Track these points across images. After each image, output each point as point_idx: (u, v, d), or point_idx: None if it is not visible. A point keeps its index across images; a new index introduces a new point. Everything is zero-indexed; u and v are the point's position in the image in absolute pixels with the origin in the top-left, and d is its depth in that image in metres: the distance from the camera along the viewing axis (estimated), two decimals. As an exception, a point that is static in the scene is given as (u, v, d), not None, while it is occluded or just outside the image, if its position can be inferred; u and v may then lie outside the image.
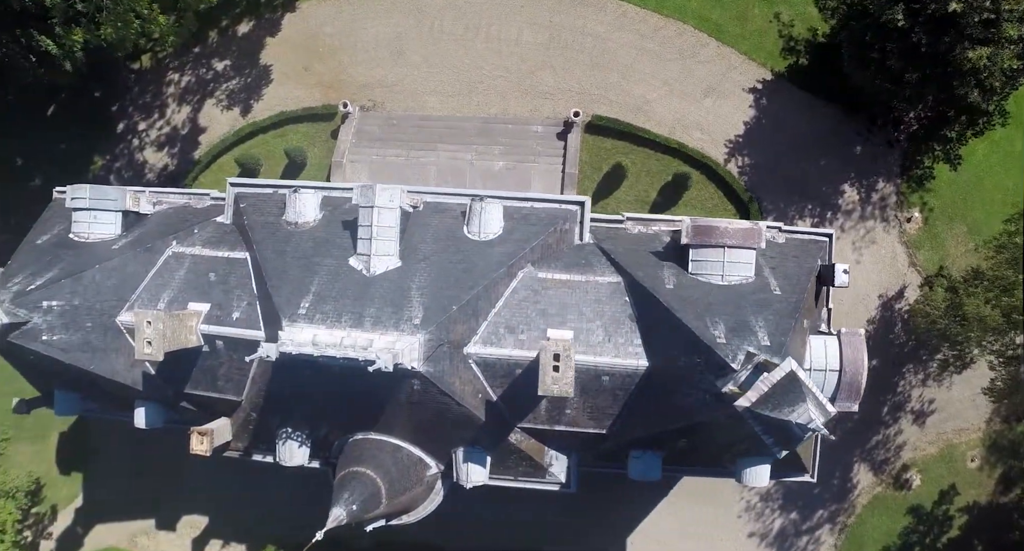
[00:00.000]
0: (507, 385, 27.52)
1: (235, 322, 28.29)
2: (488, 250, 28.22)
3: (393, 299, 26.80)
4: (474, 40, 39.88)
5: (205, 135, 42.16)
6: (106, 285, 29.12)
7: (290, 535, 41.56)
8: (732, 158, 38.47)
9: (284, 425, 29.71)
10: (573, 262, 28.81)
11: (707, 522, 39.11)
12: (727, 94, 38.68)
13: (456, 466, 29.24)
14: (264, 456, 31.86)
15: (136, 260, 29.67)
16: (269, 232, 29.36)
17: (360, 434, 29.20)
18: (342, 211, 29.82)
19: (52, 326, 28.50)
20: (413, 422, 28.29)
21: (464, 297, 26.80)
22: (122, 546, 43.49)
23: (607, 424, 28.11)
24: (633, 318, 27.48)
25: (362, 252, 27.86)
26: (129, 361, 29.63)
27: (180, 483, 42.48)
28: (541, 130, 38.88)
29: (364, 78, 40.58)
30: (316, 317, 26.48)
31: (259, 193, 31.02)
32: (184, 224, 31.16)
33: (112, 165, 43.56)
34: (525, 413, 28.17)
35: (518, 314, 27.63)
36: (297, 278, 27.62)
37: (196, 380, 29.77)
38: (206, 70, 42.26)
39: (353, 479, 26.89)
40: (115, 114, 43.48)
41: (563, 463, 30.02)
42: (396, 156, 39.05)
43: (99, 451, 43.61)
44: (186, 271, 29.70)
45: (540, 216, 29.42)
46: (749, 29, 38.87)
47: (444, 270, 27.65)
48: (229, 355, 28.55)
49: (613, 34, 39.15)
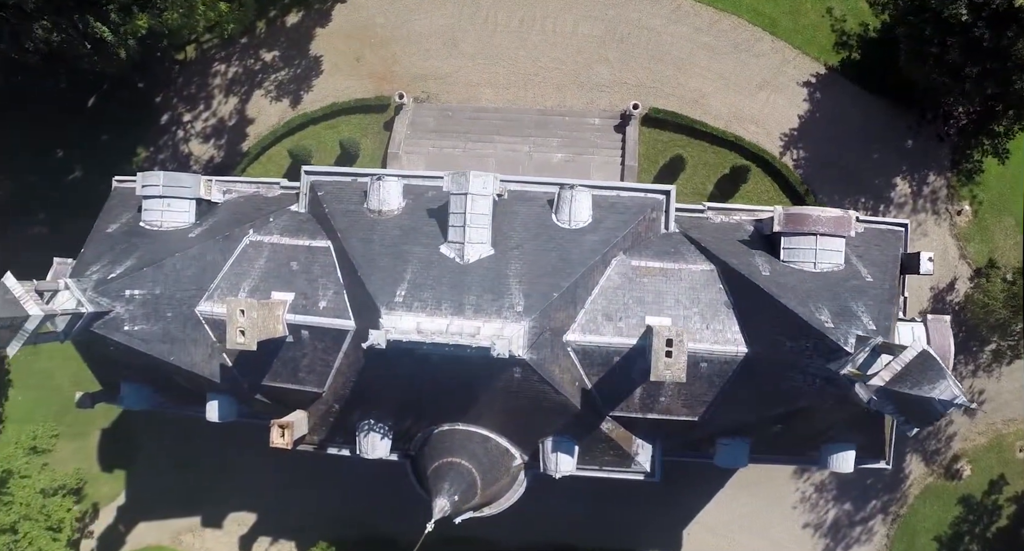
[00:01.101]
0: (603, 373, 26.55)
1: (322, 311, 27.02)
2: (580, 238, 27.25)
3: (491, 287, 25.72)
4: (529, 33, 38.90)
5: (253, 126, 40.73)
6: (186, 274, 27.67)
7: (339, 532, 40.40)
8: (787, 151, 37.90)
9: (366, 417, 28.47)
10: (663, 250, 27.96)
11: (762, 513, 38.45)
12: (781, 88, 38.12)
13: (544, 456, 28.21)
14: (340, 449, 30.62)
15: (214, 249, 28.26)
16: (352, 220, 28.11)
17: (447, 425, 28.06)
18: (425, 199, 28.66)
19: (134, 316, 26.98)
20: (504, 412, 27.23)
21: (563, 284, 25.81)
22: (166, 544, 41.80)
23: (700, 411, 27.31)
24: (729, 305, 26.71)
25: (454, 240, 26.73)
26: (208, 352, 28.22)
27: (228, 479, 40.95)
28: (598, 122, 38.00)
29: (417, 69, 39.43)
30: (414, 305, 25.29)
31: (337, 181, 29.75)
32: (258, 213, 29.79)
33: (156, 157, 41.92)
34: (618, 401, 27.25)
35: (614, 302, 26.72)
36: (388, 266, 26.41)
37: (275, 372, 28.42)
38: (254, 61, 40.81)
39: (451, 469, 25.79)
40: (159, 105, 41.88)
41: (648, 452, 29.13)
42: (453, 148, 37.93)
43: (142, 447, 41.93)
44: (266, 260, 28.35)
45: (627, 205, 28.52)
46: (802, 23, 38.34)
47: (539, 258, 26.63)
48: (314, 345, 27.27)
49: (669, 27, 38.41)
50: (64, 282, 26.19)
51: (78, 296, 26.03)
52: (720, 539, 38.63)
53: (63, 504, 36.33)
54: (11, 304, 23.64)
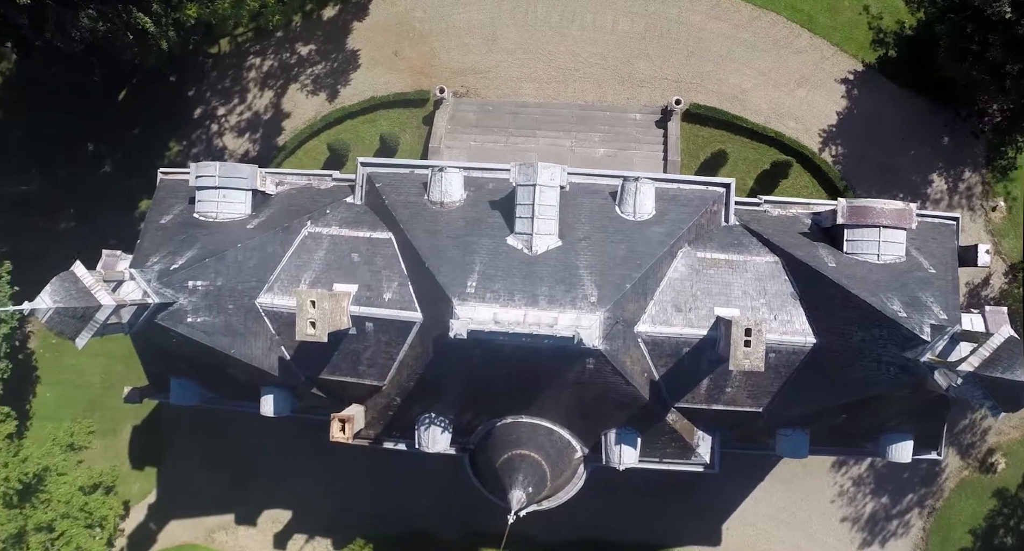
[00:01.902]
0: (671, 364, 26.28)
1: (387, 303, 26.55)
2: (646, 230, 27.00)
3: (563, 278, 25.39)
4: (569, 28, 38.61)
5: (289, 121, 40.11)
6: (247, 265, 27.08)
7: (376, 528, 39.76)
8: (826, 147, 37.86)
9: (428, 410, 27.97)
10: (727, 242, 27.77)
11: (800, 507, 38.31)
12: (820, 84, 38.07)
13: (607, 448, 27.88)
14: (396, 443, 30.15)
15: (274, 240, 27.69)
16: (414, 212, 27.66)
17: (510, 418, 27.68)
18: (486, 191, 28.28)
19: (196, 308, 26.35)
20: (569, 404, 26.89)
21: (635, 275, 25.54)
22: (199, 543, 40.98)
23: (765, 402, 27.13)
24: (795, 296, 26.58)
25: (522, 231, 26.36)
26: (267, 345, 27.64)
27: (262, 476, 40.23)
28: (639, 118, 37.78)
29: (456, 64, 39.00)
30: (487, 296, 24.89)
31: (394, 173, 29.27)
32: (314, 204, 29.26)
33: (189, 151, 41.17)
34: (684, 392, 27.02)
35: (682, 293, 26.48)
36: (457, 258, 25.99)
37: (335, 365, 27.89)
38: (289, 55, 40.20)
39: (522, 462, 25.41)
40: (192, 99, 41.15)
41: (708, 444, 28.92)
42: (494, 142, 37.56)
43: (174, 445, 41.11)
44: (326, 252, 27.82)
45: (689, 197, 28.30)
46: (840, 21, 38.32)
47: (607, 249, 26.35)
48: (377, 338, 26.79)
49: (708, 23, 38.25)
50: (128, 272, 25.53)
51: (143, 287, 25.35)
52: (759, 533, 38.43)
53: (106, 501, 35.44)
54: (83, 294, 22.97)
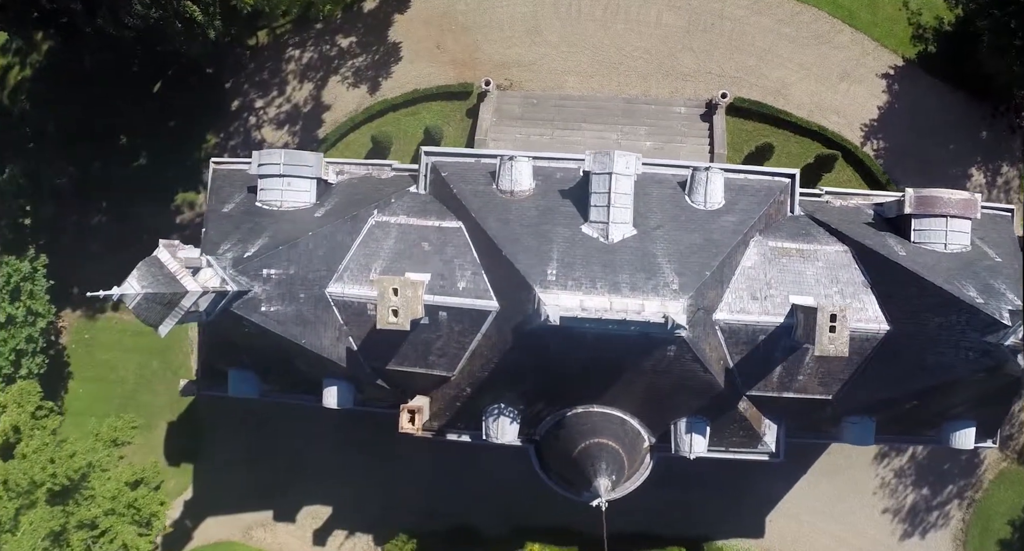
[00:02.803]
0: (746, 352, 26.34)
1: (461, 292, 26.42)
2: (718, 219, 27.10)
3: (643, 266, 25.39)
4: (613, 21, 38.66)
5: (329, 113, 39.80)
6: (317, 254, 26.81)
7: (419, 524, 39.41)
8: (868, 141, 38.18)
9: (497, 401, 27.81)
10: (795, 232, 27.94)
11: (843, 499, 38.50)
12: (861, 79, 38.39)
13: (677, 437, 27.89)
14: (460, 435, 29.96)
15: (343, 229, 27.42)
16: (485, 201, 27.55)
17: (580, 408, 27.62)
18: (555, 180, 28.24)
19: (270, 296, 26.02)
20: (643, 393, 26.88)
21: (713, 264, 25.63)
22: (235, 540, 40.48)
23: (835, 390, 27.27)
24: (867, 284, 26.81)
25: (597, 220, 26.33)
26: (335, 335, 27.39)
27: (300, 473, 39.82)
28: (684, 111, 37.89)
29: (500, 57, 38.92)
30: (568, 284, 24.83)
31: (459, 162, 29.12)
32: (377, 194, 29.07)
33: (226, 144, 40.74)
34: (757, 380, 27.13)
35: (757, 281, 26.60)
36: (533, 246, 25.90)
37: (404, 355, 27.70)
38: (330, 47, 39.90)
39: (602, 450, 25.35)
40: (229, 91, 40.71)
41: (774, 432, 29.07)
42: (540, 135, 37.50)
43: (210, 441, 40.61)
44: (395, 241, 27.62)
45: (756, 187, 28.45)
46: (880, 16, 38.68)
47: (682, 238, 26.40)
48: (450, 327, 26.62)
49: (751, 18, 38.47)
50: (205, 259, 25.12)
51: (222, 274, 24.95)
52: (802, 526, 38.59)
53: (156, 497, 34.88)
54: (169, 279, 22.58)
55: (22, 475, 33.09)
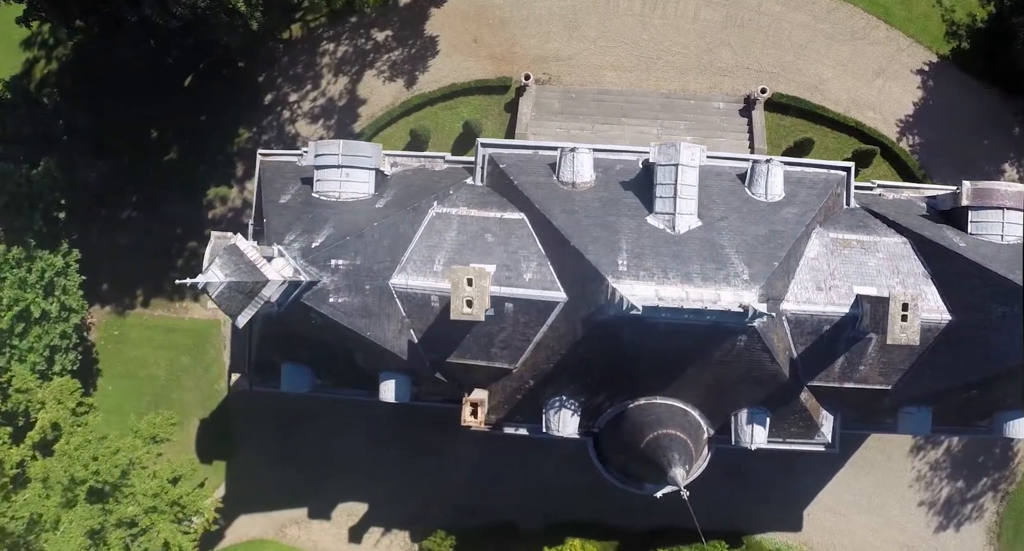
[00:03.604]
0: (810, 342, 26.68)
1: (528, 283, 26.55)
2: (780, 211, 27.45)
3: (711, 256, 25.69)
4: (651, 16, 39.00)
5: (365, 107, 39.82)
6: (381, 245, 26.85)
7: (456, 520, 39.39)
8: (903, 136, 38.75)
9: (559, 393, 27.95)
10: (853, 224, 28.37)
11: (879, 492, 38.98)
12: (896, 75, 38.98)
13: (738, 428, 28.21)
14: (516, 429, 30.10)
15: (405, 220, 27.48)
16: (547, 192, 27.72)
17: (643, 399, 27.81)
18: (614, 172, 28.52)
19: (338, 287, 26.02)
20: (707, 383, 27.16)
21: (779, 254, 25.97)
22: (269, 538, 40.31)
23: (894, 380, 27.68)
24: (927, 275, 27.23)
25: (663, 211, 26.59)
26: (398, 328, 27.43)
27: (335, 469, 39.71)
28: (723, 106, 38.29)
29: (538, 51, 39.14)
30: (640, 274, 25.07)
31: (516, 154, 29.28)
32: (434, 185, 29.18)
33: (259, 138, 40.63)
34: (819, 371, 27.46)
35: (820, 272, 26.96)
36: (601, 237, 26.11)
37: (465, 348, 27.79)
38: (365, 40, 39.93)
39: (671, 440, 25.56)
40: (262, 85, 40.62)
41: (830, 423, 29.44)
42: (580, 129, 37.76)
43: (243, 438, 40.44)
44: (456, 232, 27.70)
45: (813, 180, 28.84)
46: (914, 13, 39.31)
47: (746, 229, 26.72)
48: (516, 319, 26.76)
49: (788, 14, 38.95)
50: (277, 249, 25.05)
51: (294, 264, 24.90)
52: (839, 518, 39.02)
53: (203, 493, 34.65)
54: (250, 268, 22.51)
55: (63, 473, 32.80)
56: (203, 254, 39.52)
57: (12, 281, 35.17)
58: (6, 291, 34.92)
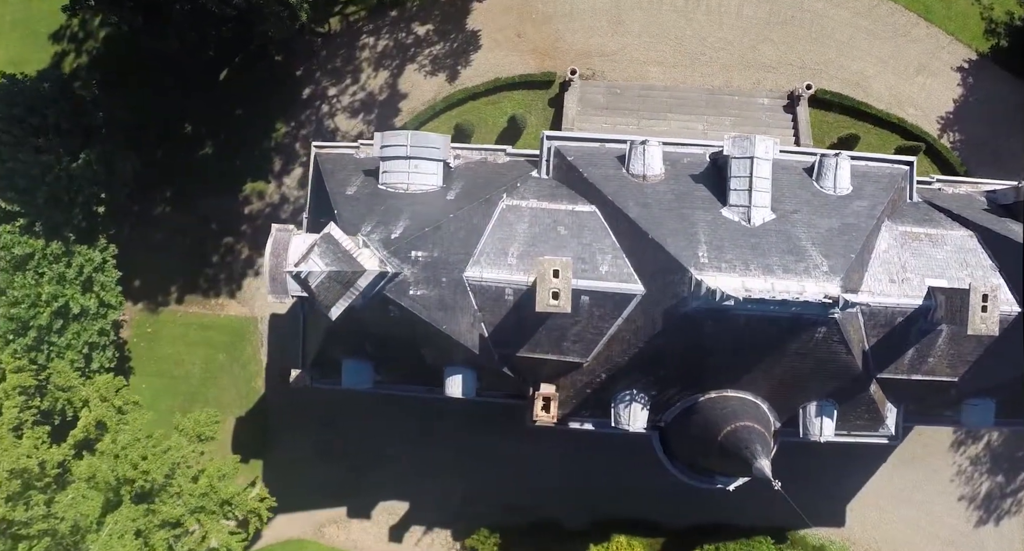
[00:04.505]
0: (882, 335, 27.23)
1: (604, 276, 26.84)
2: (850, 204, 28.02)
3: (789, 249, 26.16)
4: (695, 12, 39.55)
5: (406, 101, 40.00)
6: (457, 237, 27.06)
7: (499, 518, 39.61)
8: (944, 133, 39.57)
9: (630, 387, 28.29)
10: (919, 218, 29.00)
11: (921, 487, 39.73)
12: (937, 72, 39.82)
13: (806, 421, 28.73)
14: (582, 424, 30.37)
15: (477, 212, 27.71)
16: (619, 185, 28.09)
17: (714, 392, 28.20)
18: (682, 165, 28.94)
19: (417, 279, 26.17)
20: (779, 376, 27.64)
21: (855, 246, 26.48)
22: (307, 537, 40.27)
23: (961, 371, 28.28)
24: (995, 268, 27.92)
25: (737, 203, 27.05)
26: (470, 321, 27.61)
27: (375, 468, 39.80)
28: (767, 102, 38.91)
29: (581, 46, 39.55)
30: (722, 266, 25.48)
31: (583, 147, 29.61)
32: (500, 178, 29.45)
33: (297, 132, 40.66)
34: (889, 363, 28.02)
35: (891, 265, 27.54)
36: (679, 229, 26.50)
37: (536, 341, 28.03)
38: (405, 34, 40.11)
39: (751, 432, 25.93)
40: (300, 79, 40.64)
41: (894, 415, 30.05)
42: (626, 125, 38.20)
43: (281, 437, 40.46)
44: (528, 224, 27.98)
45: (878, 174, 29.48)
46: (954, 11, 40.19)
47: (819, 222, 27.26)
48: (591, 312, 27.03)
49: (830, 11, 39.67)
50: (362, 239, 25.12)
51: (379, 255, 25.01)
52: (882, 513, 39.71)
53: (257, 493, 34.58)
54: (346, 258, 22.58)
55: (110, 472, 32.62)
56: (239, 250, 39.91)
57: (51, 276, 34.92)
58: (45, 287, 34.65)
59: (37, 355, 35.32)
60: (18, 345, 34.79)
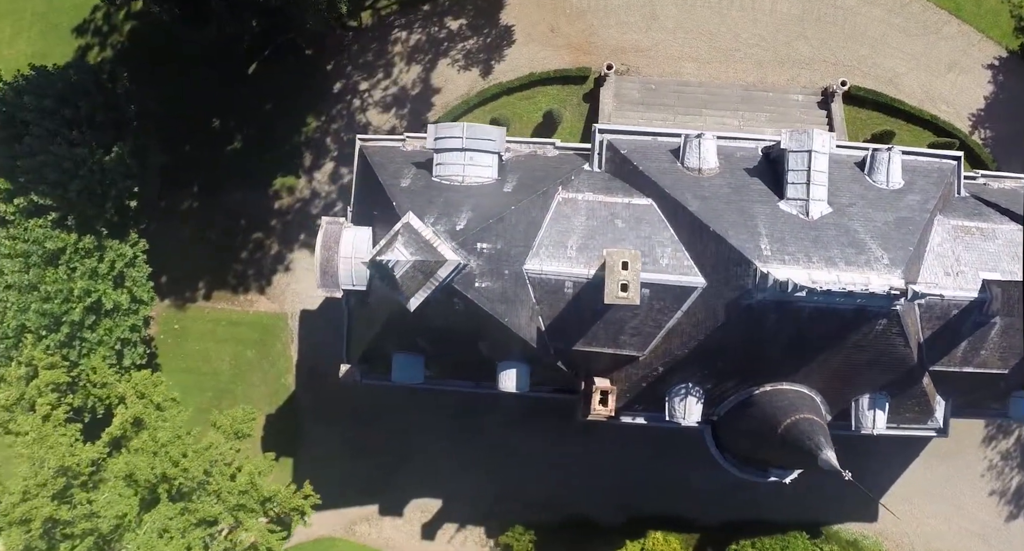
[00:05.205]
0: (936, 327, 27.87)
1: (665, 268, 27.28)
2: (904, 198, 28.69)
3: (849, 241, 26.77)
4: (729, 8, 40.17)
5: (439, 96, 40.31)
6: (518, 230, 27.40)
7: (533, 516, 40.01)
8: (975, 130, 40.41)
9: (686, 380, 28.74)
10: (969, 212, 29.76)
11: (952, 482, 40.51)
12: (968, 70, 40.69)
13: (859, 413, 29.34)
14: (634, 417, 30.78)
15: (535, 204, 28.07)
16: (675, 178, 28.58)
17: (769, 386, 28.72)
18: (736, 159, 29.50)
19: (482, 272, 26.49)
20: (835, 369, 28.20)
21: (912, 240, 27.09)
22: (338, 535, 40.45)
23: (1012, 363, 28.97)
24: (1046, 261, 28.56)
25: (795, 197, 27.62)
26: (529, 314, 27.95)
27: (407, 465, 40.10)
28: (801, 99, 39.58)
29: (616, 42, 40.05)
30: (785, 258, 25.99)
31: (635, 141, 30.06)
32: (553, 171, 29.80)
33: (328, 127, 40.85)
34: (942, 355, 28.68)
35: (945, 258, 28.23)
36: (739, 222, 27.01)
37: (594, 335, 28.41)
38: (438, 29, 40.42)
39: (813, 424, 26.42)
40: (331, 73, 40.85)
41: (942, 408, 30.71)
42: (662, 120, 38.72)
43: (311, 434, 40.68)
44: (585, 217, 28.38)
45: (927, 169, 30.17)
46: (984, 9, 41.08)
47: (875, 215, 27.89)
48: (650, 305, 27.45)
49: (863, 8, 40.44)
50: (432, 230, 25.35)
51: (451, 246, 25.25)
52: (914, 508, 40.44)
53: (303, 491, 34.66)
54: (428, 248, 22.81)
55: (149, 470, 32.60)
56: (269, 245, 40.04)
57: (83, 271, 34.85)
58: (77, 282, 34.58)
59: (69, 351, 35.26)
60: (50, 341, 34.70)
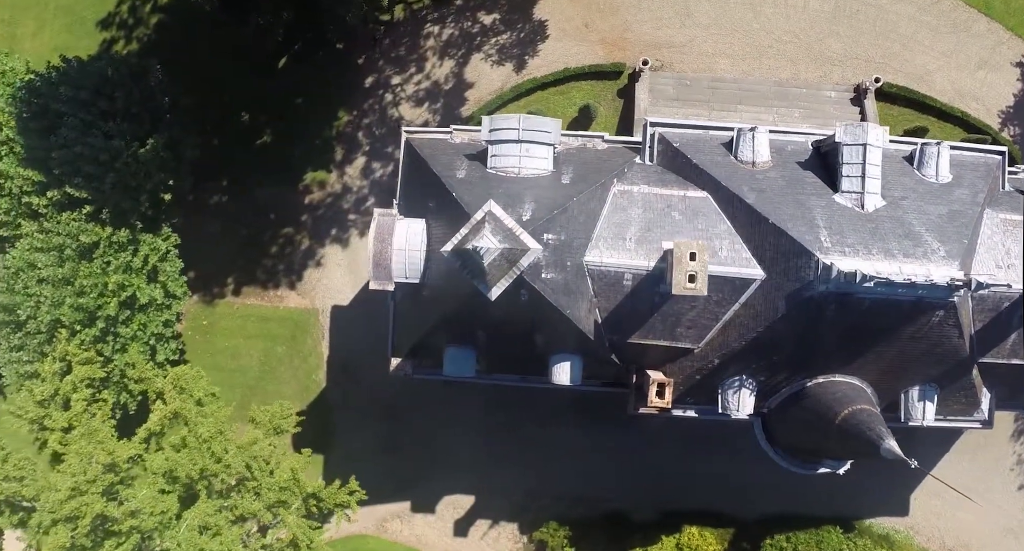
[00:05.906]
0: (987, 319, 28.72)
1: (723, 261, 27.93)
2: (954, 191, 29.56)
3: (905, 234, 27.59)
4: (762, 5, 40.96)
5: (472, 91, 40.80)
6: (578, 221, 27.95)
7: (566, 511, 40.59)
8: (1005, 127, 41.44)
9: (741, 373, 29.39)
10: (1015, 206, 30.65)
11: (982, 477, 41.48)
12: (998, 67, 41.74)
13: (908, 405, 30.13)
14: (686, 410, 31.38)
15: (592, 196, 28.63)
16: (730, 171, 29.26)
17: (822, 377, 29.41)
18: (787, 153, 30.22)
19: (548, 263, 27.01)
20: (888, 360, 28.94)
21: (967, 232, 27.89)
22: (369, 533, 40.80)
23: (1061, 356, 29.93)
24: (1092, 255, 29.48)
25: (850, 189, 28.38)
26: (587, 306, 28.49)
27: (439, 462, 40.51)
28: (834, 95, 40.43)
29: (650, 38, 40.73)
30: (845, 250, 26.73)
31: (687, 134, 30.70)
32: (605, 164, 30.38)
33: (359, 121, 41.21)
34: (991, 347, 29.55)
35: (996, 250, 29.21)
36: (796, 215, 27.73)
37: (650, 328, 29.01)
38: (471, 23, 40.91)
39: (871, 416, 27.18)
40: (363, 68, 41.20)
41: (987, 400, 31.54)
42: (697, 115, 39.41)
43: (341, 430, 41.04)
44: (642, 210, 28.99)
45: (974, 163, 31.07)
46: (1013, 7, 42.18)
47: (928, 209, 28.75)
48: (708, 297, 28.00)
49: (894, 6, 41.39)
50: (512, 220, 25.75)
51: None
52: (944, 503, 41.36)
53: (348, 486, 34.94)
54: (511, 236, 23.24)
55: (191, 465, 32.80)
56: (299, 240, 40.40)
57: (117, 265, 34.95)
58: (112, 276, 34.68)
59: (103, 347, 35.35)
60: (85, 336, 34.79)
